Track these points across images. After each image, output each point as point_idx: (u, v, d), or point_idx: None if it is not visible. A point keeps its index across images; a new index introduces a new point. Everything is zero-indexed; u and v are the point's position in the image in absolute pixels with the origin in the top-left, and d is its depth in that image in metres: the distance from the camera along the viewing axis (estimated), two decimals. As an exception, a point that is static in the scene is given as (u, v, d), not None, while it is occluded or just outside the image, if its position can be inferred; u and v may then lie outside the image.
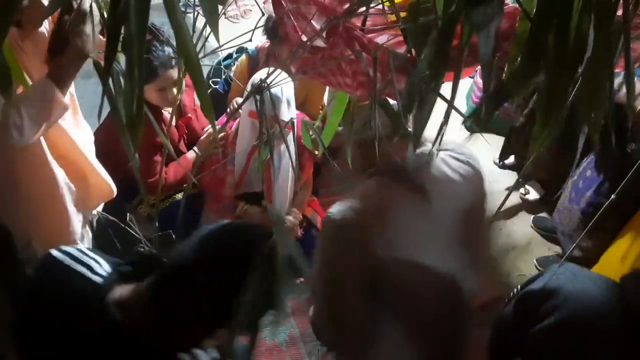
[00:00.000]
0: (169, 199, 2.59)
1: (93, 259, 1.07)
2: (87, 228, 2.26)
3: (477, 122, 0.84)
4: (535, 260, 2.83)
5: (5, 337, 1.36)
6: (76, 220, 1.99)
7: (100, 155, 2.20)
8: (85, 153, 1.99)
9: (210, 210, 2.61)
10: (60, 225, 1.93)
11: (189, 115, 2.59)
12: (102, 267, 1.05)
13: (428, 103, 0.76)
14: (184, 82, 2.29)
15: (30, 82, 1.46)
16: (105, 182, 2.10)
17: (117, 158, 2.31)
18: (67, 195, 1.91)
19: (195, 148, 2.55)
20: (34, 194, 1.85)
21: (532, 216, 3.05)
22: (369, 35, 0.91)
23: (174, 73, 2.25)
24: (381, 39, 0.97)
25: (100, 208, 2.29)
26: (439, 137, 0.55)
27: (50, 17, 1.66)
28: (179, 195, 2.60)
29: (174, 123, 2.51)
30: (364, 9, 0.80)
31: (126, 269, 1.05)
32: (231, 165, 2.50)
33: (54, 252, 1.09)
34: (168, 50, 2.21)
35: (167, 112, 2.46)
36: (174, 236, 1.44)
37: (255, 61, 2.74)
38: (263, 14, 0.95)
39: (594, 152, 2.50)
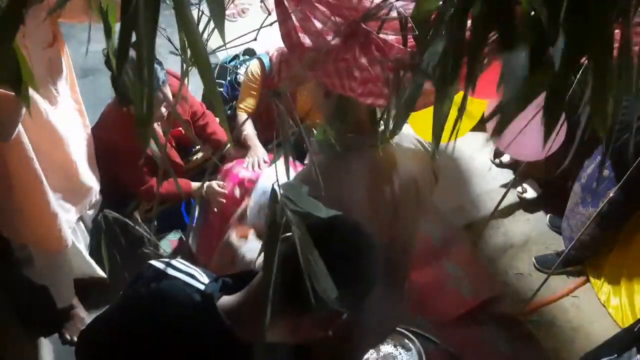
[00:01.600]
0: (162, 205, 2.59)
1: (193, 269, 1.08)
2: (83, 227, 2.25)
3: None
4: (533, 259, 2.84)
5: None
6: (65, 222, 1.98)
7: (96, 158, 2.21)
8: (72, 153, 1.99)
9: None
10: (49, 227, 1.92)
11: (179, 128, 2.56)
12: (203, 276, 1.06)
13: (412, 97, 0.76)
14: (169, 91, 2.28)
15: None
16: (85, 184, 2.09)
17: (111, 163, 2.31)
18: (53, 196, 1.91)
19: (204, 185, 2.47)
20: (21, 195, 1.85)
21: (548, 215, 3.06)
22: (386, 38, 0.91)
23: (164, 91, 2.23)
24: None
25: (95, 210, 2.29)
26: (454, 135, 0.55)
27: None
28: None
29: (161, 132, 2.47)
30: (387, 9, 0.80)
31: (227, 280, 1.06)
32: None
33: (155, 262, 1.09)
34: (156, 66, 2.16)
35: (156, 125, 2.43)
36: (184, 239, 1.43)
37: (267, 68, 2.69)
38: (269, 13, 0.94)
39: (602, 151, 2.51)
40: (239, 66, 2.87)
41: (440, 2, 0.64)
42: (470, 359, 2.36)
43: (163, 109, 2.26)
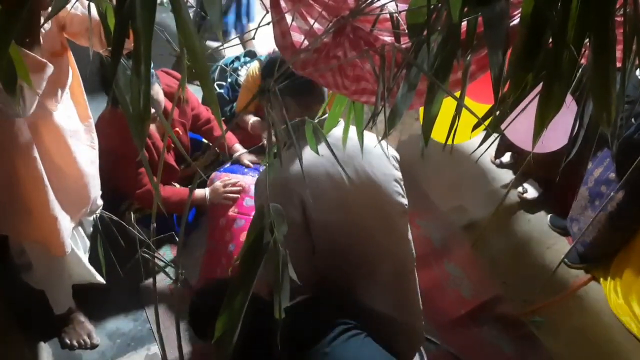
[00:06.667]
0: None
1: None
2: (83, 232, 2.24)
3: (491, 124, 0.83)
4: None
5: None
6: (64, 227, 1.97)
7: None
8: (75, 158, 1.98)
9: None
10: (50, 229, 1.91)
11: (177, 129, 2.55)
12: None
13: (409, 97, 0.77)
14: (160, 91, 2.26)
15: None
16: (86, 190, 2.08)
17: (106, 165, 2.30)
18: (54, 200, 1.90)
19: (207, 190, 2.45)
20: (25, 194, 1.84)
21: (549, 215, 3.05)
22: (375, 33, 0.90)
23: (155, 89, 2.23)
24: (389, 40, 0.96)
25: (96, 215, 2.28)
26: (452, 132, 0.54)
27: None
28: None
29: (157, 133, 2.46)
30: (376, 6, 0.79)
31: None
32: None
33: None
34: None
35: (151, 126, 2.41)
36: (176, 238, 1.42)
37: None
38: (267, 11, 0.93)
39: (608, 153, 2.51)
40: (239, 67, 2.86)
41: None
42: (471, 360, 2.35)
43: (153, 110, 2.24)
